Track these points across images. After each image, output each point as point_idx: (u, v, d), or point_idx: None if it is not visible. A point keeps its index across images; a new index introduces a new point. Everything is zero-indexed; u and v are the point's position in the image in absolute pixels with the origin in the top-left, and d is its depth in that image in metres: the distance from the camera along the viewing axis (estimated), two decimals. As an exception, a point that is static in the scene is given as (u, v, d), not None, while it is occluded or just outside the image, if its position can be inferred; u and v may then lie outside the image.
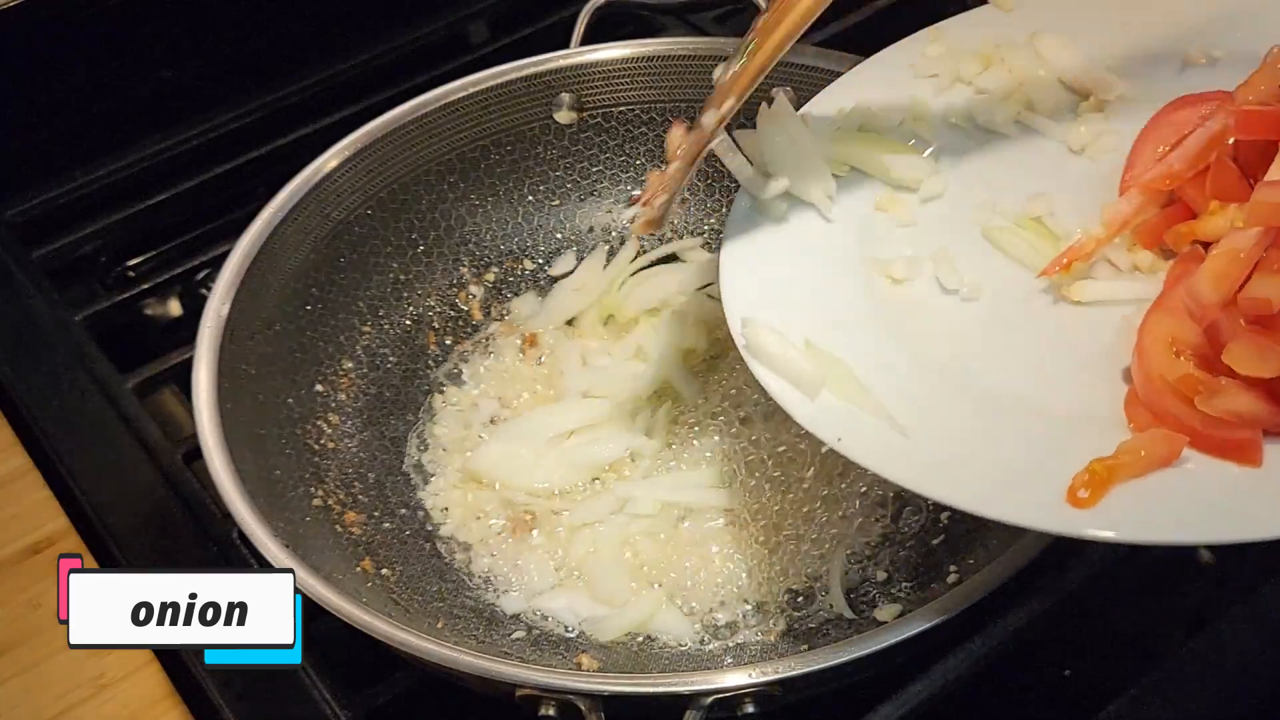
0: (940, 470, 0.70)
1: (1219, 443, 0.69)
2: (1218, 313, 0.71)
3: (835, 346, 0.78)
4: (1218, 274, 0.71)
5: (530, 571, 0.94)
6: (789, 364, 0.76)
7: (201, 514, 0.94)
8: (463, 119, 1.09)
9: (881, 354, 0.79)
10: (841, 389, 0.75)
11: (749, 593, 0.91)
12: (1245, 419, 0.69)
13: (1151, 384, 0.72)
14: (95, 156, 1.29)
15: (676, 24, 1.38)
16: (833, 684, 0.77)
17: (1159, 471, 0.68)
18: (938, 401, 0.76)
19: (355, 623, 0.77)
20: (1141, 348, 0.74)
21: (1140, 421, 0.72)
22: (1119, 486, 0.67)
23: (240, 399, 0.91)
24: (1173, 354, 0.72)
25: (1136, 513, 0.66)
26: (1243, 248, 0.71)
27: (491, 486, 0.99)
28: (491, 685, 0.76)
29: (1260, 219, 0.71)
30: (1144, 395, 0.73)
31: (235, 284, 0.94)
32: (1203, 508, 0.66)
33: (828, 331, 0.79)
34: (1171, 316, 0.74)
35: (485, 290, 1.13)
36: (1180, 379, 0.71)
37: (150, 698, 0.87)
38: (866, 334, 0.80)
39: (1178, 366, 0.71)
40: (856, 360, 0.77)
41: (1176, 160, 0.82)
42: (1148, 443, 0.69)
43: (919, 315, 0.83)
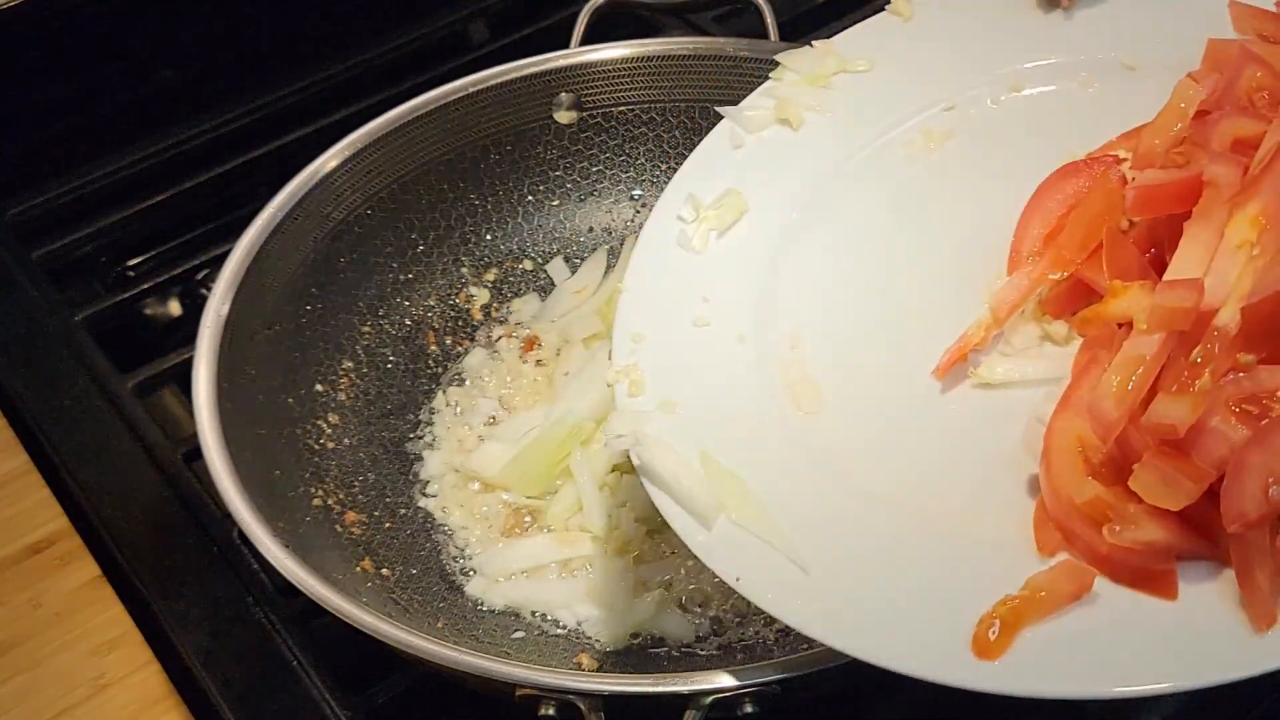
0: (841, 616, 0.65)
1: (1132, 573, 0.63)
2: (1120, 428, 0.65)
3: (734, 457, 0.72)
4: (1120, 386, 0.65)
5: (530, 571, 0.94)
6: (683, 488, 0.71)
7: (201, 514, 0.94)
8: (463, 119, 1.09)
9: (781, 463, 0.73)
10: (740, 511, 0.70)
11: (749, 593, 0.91)
12: (1158, 550, 0.63)
13: (1060, 504, 0.66)
14: (95, 156, 1.29)
15: (676, 24, 1.38)
16: (833, 684, 0.77)
17: (1069, 608, 0.63)
18: (841, 522, 0.70)
19: (355, 623, 0.77)
20: (1049, 458, 0.68)
21: (1049, 545, 0.66)
22: (1028, 630, 0.62)
23: (240, 399, 0.91)
24: (1081, 466, 0.66)
25: (1046, 663, 0.61)
26: (1145, 354, 0.65)
27: (491, 486, 0.99)
28: (491, 685, 0.76)
29: (1162, 324, 0.65)
30: (1053, 514, 0.67)
31: (235, 284, 0.94)
32: (1118, 653, 0.61)
33: (726, 440, 0.73)
34: (1079, 418, 0.68)
35: (485, 290, 1.13)
36: (1087, 503, 0.65)
37: (150, 698, 0.87)
38: (766, 438, 0.74)
39: (1086, 487, 0.65)
40: (755, 473, 0.71)
41: (1066, 242, 0.76)
42: (1055, 579, 0.63)
43: (823, 412, 0.76)
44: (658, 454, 0.72)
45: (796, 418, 0.76)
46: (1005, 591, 0.63)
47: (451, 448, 1.03)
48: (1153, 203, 0.73)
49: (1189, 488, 0.61)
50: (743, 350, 0.79)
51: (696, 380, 0.77)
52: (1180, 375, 0.64)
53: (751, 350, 0.79)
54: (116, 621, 0.91)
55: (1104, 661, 0.61)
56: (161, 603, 0.90)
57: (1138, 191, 0.74)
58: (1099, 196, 0.76)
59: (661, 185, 1.15)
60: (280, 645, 0.87)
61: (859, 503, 0.71)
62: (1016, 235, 0.80)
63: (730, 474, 0.71)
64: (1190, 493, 0.61)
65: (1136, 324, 0.67)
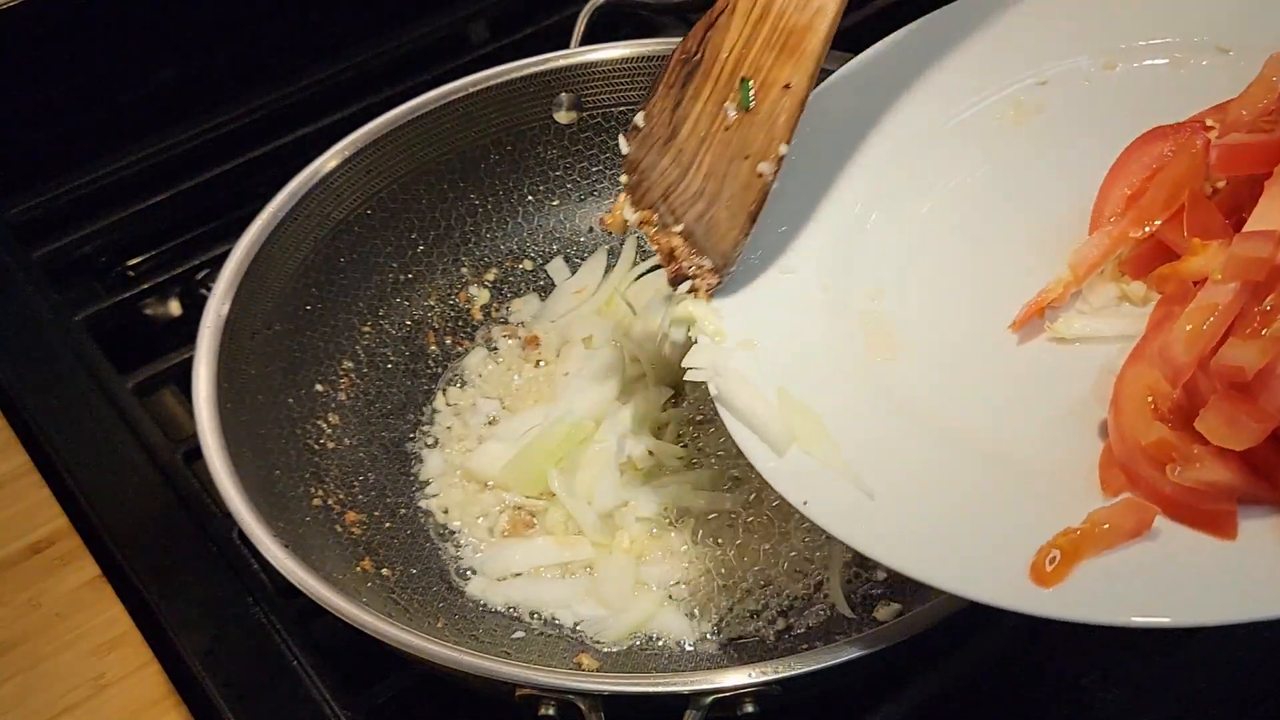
0: (904, 539, 0.67)
1: (1193, 513, 0.65)
2: (1193, 373, 0.66)
3: (808, 394, 0.75)
4: (1192, 333, 0.66)
5: (530, 572, 0.94)
6: (758, 418, 0.74)
7: (201, 514, 0.94)
8: (463, 119, 1.09)
9: (856, 401, 0.76)
10: (811, 444, 0.73)
11: (749, 592, 0.91)
12: (1220, 490, 0.64)
13: (1126, 445, 0.68)
14: (95, 156, 1.29)
15: (676, 24, 1.37)
16: (833, 684, 0.77)
17: (1129, 544, 0.64)
18: (909, 457, 0.73)
19: (355, 623, 0.77)
20: (1118, 403, 0.70)
21: (1113, 485, 0.68)
22: (1087, 561, 0.63)
23: (240, 399, 0.91)
24: (1149, 412, 0.68)
25: (1102, 592, 0.62)
26: (1219, 303, 0.66)
27: (491, 486, 0.99)
28: (491, 685, 0.76)
29: (1238, 273, 0.66)
30: (1119, 456, 0.69)
31: (235, 284, 0.94)
32: (1173, 587, 0.63)
33: (802, 378, 0.76)
34: (1149, 368, 0.70)
35: (485, 290, 1.13)
36: (1153, 444, 0.66)
37: (150, 698, 0.87)
38: (840, 379, 0.77)
39: (1152, 429, 0.67)
40: (829, 409, 0.74)
41: (1149, 205, 0.78)
42: (1117, 514, 0.65)
43: (898, 357, 0.79)
44: (735, 385, 0.75)
45: (872, 361, 0.78)
46: (1066, 525, 0.65)
47: (451, 448, 1.03)
48: (1237, 161, 0.75)
49: (1254, 429, 0.63)
50: (824, 298, 0.81)
51: (777, 323, 0.80)
52: (1252, 322, 0.65)
53: (833, 298, 0.82)
54: (116, 621, 0.91)
55: (1159, 594, 0.62)
56: (161, 603, 0.90)
57: (1223, 149, 0.75)
58: (1184, 159, 0.78)
59: (661, 185, 1.16)
60: (280, 645, 0.87)
61: (927, 439, 0.73)
62: (1100, 196, 0.82)
63: (804, 407, 0.74)
64: (1255, 434, 0.63)
65: (1212, 276, 0.68)
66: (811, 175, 0.87)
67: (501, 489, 0.99)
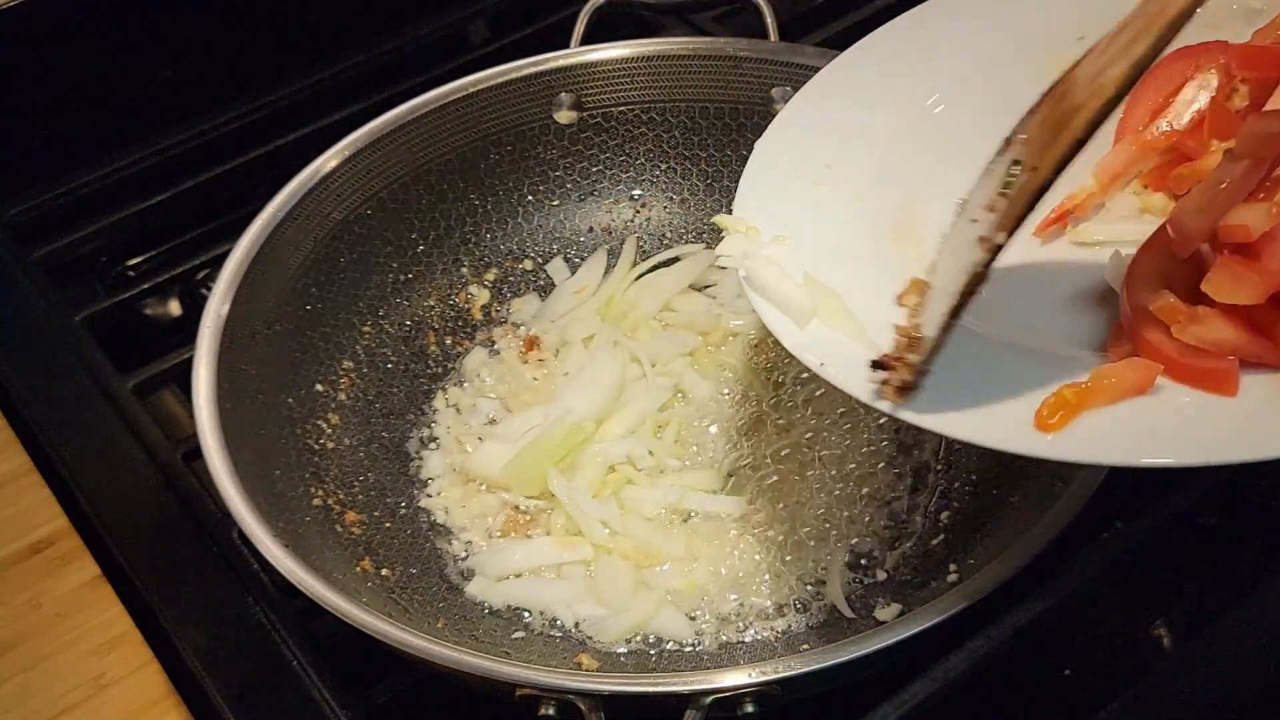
0: (915, 396, 0.70)
1: (1195, 372, 0.68)
2: (1200, 242, 0.70)
3: (835, 280, 0.79)
4: (1202, 202, 0.70)
5: (529, 572, 0.94)
6: (784, 295, 0.78)
7: (201, 514, 0.94)
8: (463, 119, 1.09)
9: (879, 287, 0.77)
10: (833, 318, 0.76)
11: (749, 593, 0.91)
12: (1222, 347, 0.68)
13: (1134, 312, 0.71)
14: (95, 156, 1.29)
15: (676, 24, 1.38)
16: (833, 684, 0.77)
17: (1132, 399, 0.67)
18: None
19: (355, 623, 0.77)
20: (1129, 278, 0.73)
21: (1120, 353, 0.71)
22: (1090, 413, 0.66)
23: (240, 399, 0.91)
24: (1158, 284, 0.71)
25: (1102, 436, 0.65)
26: (1229, 178, 0.69)
27: (491, 486, 0.99)
28: (491, 685, 0.76)
29: (1249, 150, 0.69)
30: (1126, 324, 0.72)
31: (235, 284, 0.94)
32: (1174, 433, 0.66)
33: (830, 267, 0.80)
34: (1161, 252, 0.73)
35: (485, 290, 1.13)
36: (1160, 307, 0.70)
37: (150, 698, 0.87)
38: (866, 268, 0.81)
39: (1159, 295, 0.70)
40: (853, 292, 0.78)
41: (1173, 117, 0.81)
42: (1121, 370, 0.68)
43: (922, 247, 0.81)
44: (764, 268, 0.79)
45: (898, 254, 0.81)
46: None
47: (451, 448, 1.03)
48: (1258, 61, 0.78)
49: (1258, 285, 0.66)
50: (857, 206, 0.85)
51: (809, 223, 0.84)
52: (1260, 190, 0.68)
53: (865, 205, 0.85)
54: (116, 621, 0.91)
55: (1160, 438, 0.65)
56: (161, 603, 0.89)
57: (1244, 49, 0.78)
58: (1206, 71, 0.81)
59: (661, 185, 1.16)
60: (280, 645, 0.87)
61: None
62: (1125, 112, 0.83)
63: (828, 289, 0.78)
64: (1258, 289, 0.66)
65: (1224, 154, 0.71)
66: (851, 99, 0.91)
67: (501, 489, 0.99)
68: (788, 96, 1.08)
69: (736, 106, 1.12)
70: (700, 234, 1.15)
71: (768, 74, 1.09)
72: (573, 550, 0.94)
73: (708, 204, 1.16)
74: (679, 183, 1.16)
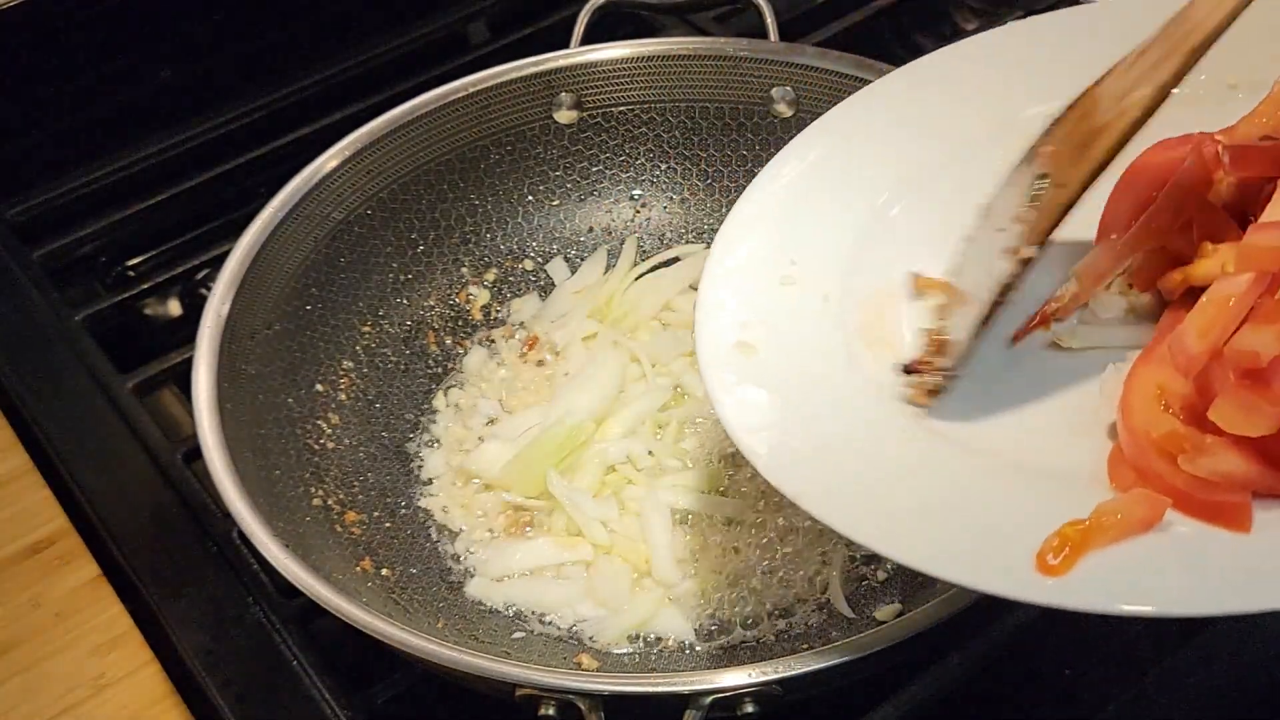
0: (899, 523, 0.66)
1: (1205, 506, 0.63)
2: (1205, 364, 0.65)
3: (809, 403, 0.74)
4: (1205, 323, 0.65)
5: (530, 572, 0.94)
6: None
7: (201, 514, 0.94)
8: (463, 119, 1.09)
9: (850, 401, 0.74)
10: None
11: (749, 592, 0.91)
12: (1234, 481, 0.63)
13: (1136, 440, 0.67)
14: (95, 156, 1.29)
15: (676, 24, 1.38)
16: (833, 684, 0.77)
17: (1139, 537, 0.62)
18: (905, 448, 0.71)
19: (355, 623, 0.76)
20: (1127, 401, 0.69)
21: (1123, 481, 0.67)
22: (1095, 553, 0.62)
23: (240, 399, 0.91)
24: (1159, 408, 0.67)
25: (1111, 582, 0.61)
26: (1233, 294, 0.65)
27: (491, 486, 0.99)
28: (491, 685, 0.76)
29: (1252, 263, 0.65)
30: (1128, 452, 0.67)
31: (235, 284, 0.94)
32: (1184, 577, 0.61)
33: (801, 386, 0.75)
34: (1159, 367, 0.69)
35: (485, 290, 1.13)
36: (1164, 436, 0.65)
37: (150, 698, 0.87)
38: (841, 384, 0.76)
39: (1163, 422, 0.66)
40: (828, 413, 0.73)
41: (1156, 214, 0.76)
42: (1127, 505, 0.63)
43: (895, 350, 0.78)
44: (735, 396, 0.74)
45: (871, 364, 0.77)
46: (1071, 517, 0.63)
47: (451, 448, 1.03)
48: (1250, 161, 0.73)
49: (1270, 415, 0.61)
50: (827, 308, 0.80)
51: (778, 332, 0.79)
52: (1266, 310, 0.64)
53: (835, 308, 0.80)
54: (116, 621, 0.91)
55: (1172, 584, 0.61)
56: (161, 603, 0.90)
57: (1236, 149, 0.73)
58: (1193, 167, 0.76)
59: (661, 185, 1.16)
60: (280, 645, 0.87)
61: (930, 441, 0.71)
62: (1107, 207, 0.79)
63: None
64: (1271, 420, 0.61)
65: (1224, 268, 0.67)
66: (821, 183, 0.87)
67: (501, 489, 0.99)
68: (788, 96, 1.09)
69: (736, 106, 1.12)
70: (700, 234, 1.15)
71: (768, 74, 1.09)
72: (573, 550, 0.94)
73: (708, 204, 1.16)
74: (679, 183, 1.16)
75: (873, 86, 0.92)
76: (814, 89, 1.08)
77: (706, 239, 1.15)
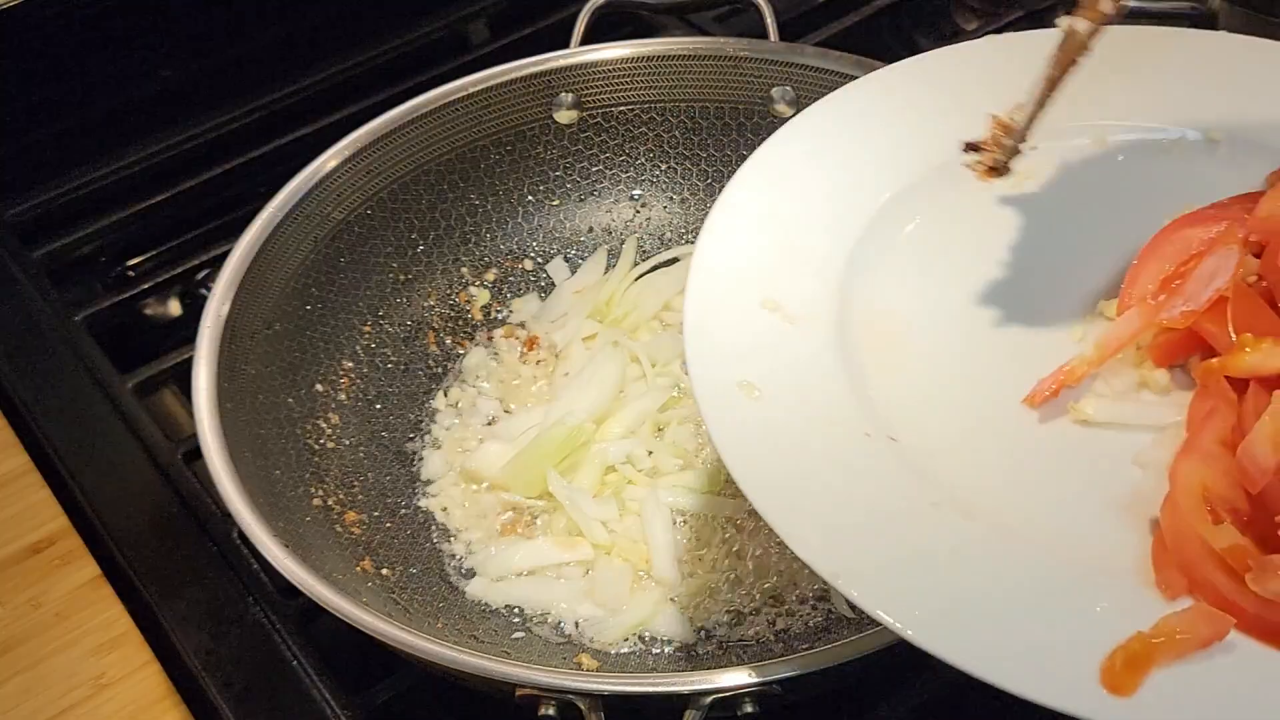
0: (949, 619, 0.62)
1: (1272, 628, 0.61)
2: (1273, 478, 0.62)
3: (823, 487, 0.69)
4: (1276, 435, 0.62)
5: (530, 572, 0.94)
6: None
7: (201, 514, 0.94)
8: (463, 119, 1.09)
9: (868, 473, 0.70)
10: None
11: (749, 592, 0.91)
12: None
13: (1187, 546, 0.64)
14: (95, 156, 1.29)
15: (676, 24, 1.38)
16: (833, 684, 0.77)
17: (1202, 654, 0.60)
18: (940, 530, 0.67)
19: (355, 623, 0.77)
20: (1173, 500, 0.66)
21: (1173, 586, 0.64)
22: (1159, 669, 0.59)
23: (240, 399, 0.91)
24: (1208, 513, 0.64)
25: (1180, 704, 0.59)
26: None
27: (491, 487, 0.99)
28: (491, 685, 0.76)
29: None
30: (1177, 556, 0.64)
31: (235, 284, 0.94)
32: (1253, 704, 0.59)
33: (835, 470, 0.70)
34: (1206, 466, 0.66)
35: (485, 290, 1.13)
36: (1229, 550, 0.62)
37: (150, 698, 0.87)
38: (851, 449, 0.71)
39: (1224, 534, 0.63)
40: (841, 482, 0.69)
41: (1192, 297, 0.73)
42: (1192, 622, 0.61)
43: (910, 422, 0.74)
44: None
45: (883, 429, 0.73)
46: (1126, 625, 0.61)
47: (451, 448, 1.03)
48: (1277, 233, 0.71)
49: None
50: (828, 342, 0.76)
51: (776, 370, 0.74)
52: None
53: (836, 340, 0.77)
54: (116, 621, 0.91)
55: (1240, 710, 0.59)
56: (161, 603, 0.90)
57: (1255, 222, 0.71)
58: (1227, 249, 0.74)
59: (661, 185, 1.16)
60: (280, 645, 0.87)
61: (958, 515, 0.68)
62: (1129, 278, 0.78)
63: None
64: None
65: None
66: (808, 183, 0.85)
67: (501, 489, 0.99)
68: (788, 96, 1.09)
69: (736, 106, 1.12)
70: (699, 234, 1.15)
71: (768, 74, 1.09)
72: (573, 550, 0.94)
73: (708, 204, 1.15)
74: (679, 183, 1.16)
75: (862, 80, 0.90)
76: (814, 89, 1.08)
77: (706, 239, 1.15)
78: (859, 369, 0.76)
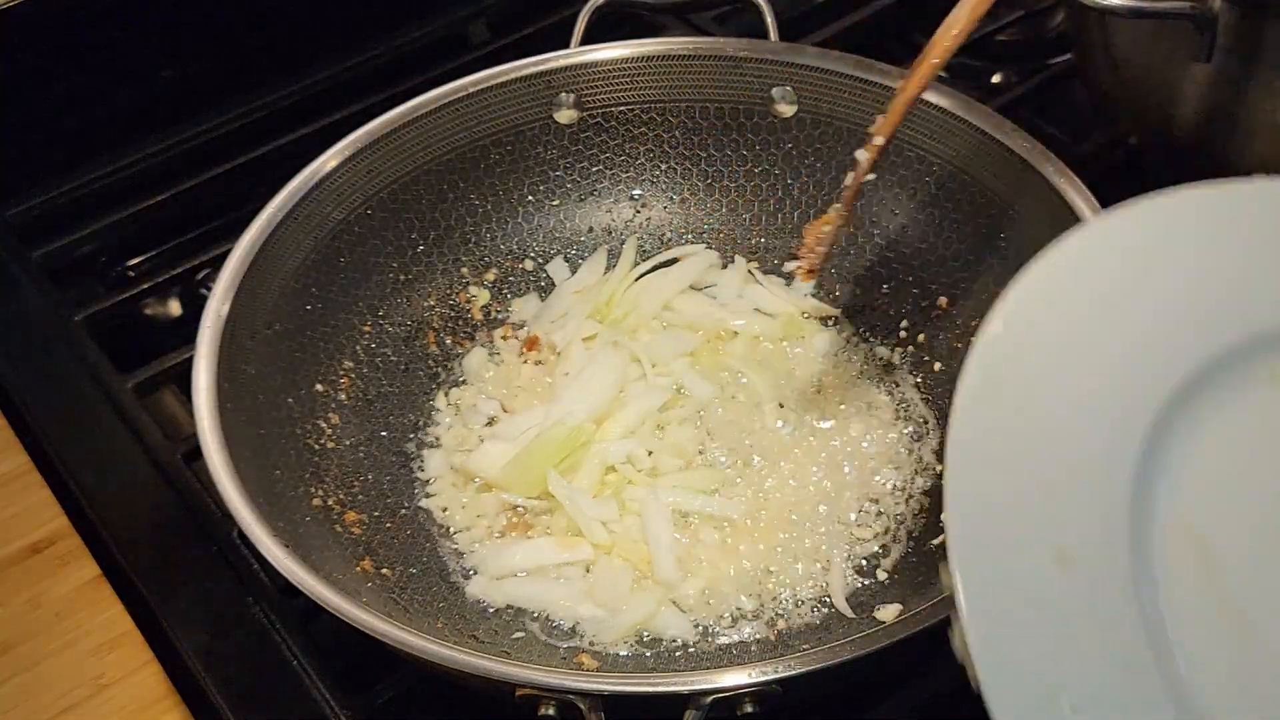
0: None
1: None
2: None
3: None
4: None
5: (530, 572, 0.94)
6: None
7: (201, 514, 0.94)
8: (463, 119, 1.09)
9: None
10: None
11: (749, 592, 0.91)
12: None
13: None
14: (95, 156, 1.29)
15: (676, 24, 1.38)
16: (833, 684, 0.77)
17: None
18: None
19: (355, 623, 0.76)
20: None
21: None
22: None
23: (240, 399, 0.91)
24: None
25: None
26: None
27: (491, 487, 0.99)
28: (491, 685, 0.76)
29: None
30: None
31: (235, 284, 0.94)
32: None
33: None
34: None
35: (485, 290, 1.13)
36: None
37: (150, 698, 0.87)
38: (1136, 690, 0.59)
39: None
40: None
41: None
42: None
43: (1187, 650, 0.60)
44: None
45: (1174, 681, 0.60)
46: None
47: (451, 448, 1.02)
48: None
49: None
50: (1106, 604, 0.60)
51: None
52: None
53: (1117, 603, 0.61)
54: (116, 621, 0.91)
55: None
56: (161, 603, 0.90)
57: None
58: None
59: (661, 185, 1.16)
60: (280, 645, 0.87)
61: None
62: None
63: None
64: None
65: None
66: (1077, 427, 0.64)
67: (501, 489, 0.99)
68: (788, 96, 1.09)
69: (736, 106, 1.12)
70: (700, 234, 1.15)
71: (768, 74, 1.09)
72: (573, 551, 0.94)
73: (708, 204, 1.16)
74: (679, 183, 1.16)
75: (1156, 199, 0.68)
76: (814, 89, 1.08)
77: (706, 239, 1.15)
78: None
